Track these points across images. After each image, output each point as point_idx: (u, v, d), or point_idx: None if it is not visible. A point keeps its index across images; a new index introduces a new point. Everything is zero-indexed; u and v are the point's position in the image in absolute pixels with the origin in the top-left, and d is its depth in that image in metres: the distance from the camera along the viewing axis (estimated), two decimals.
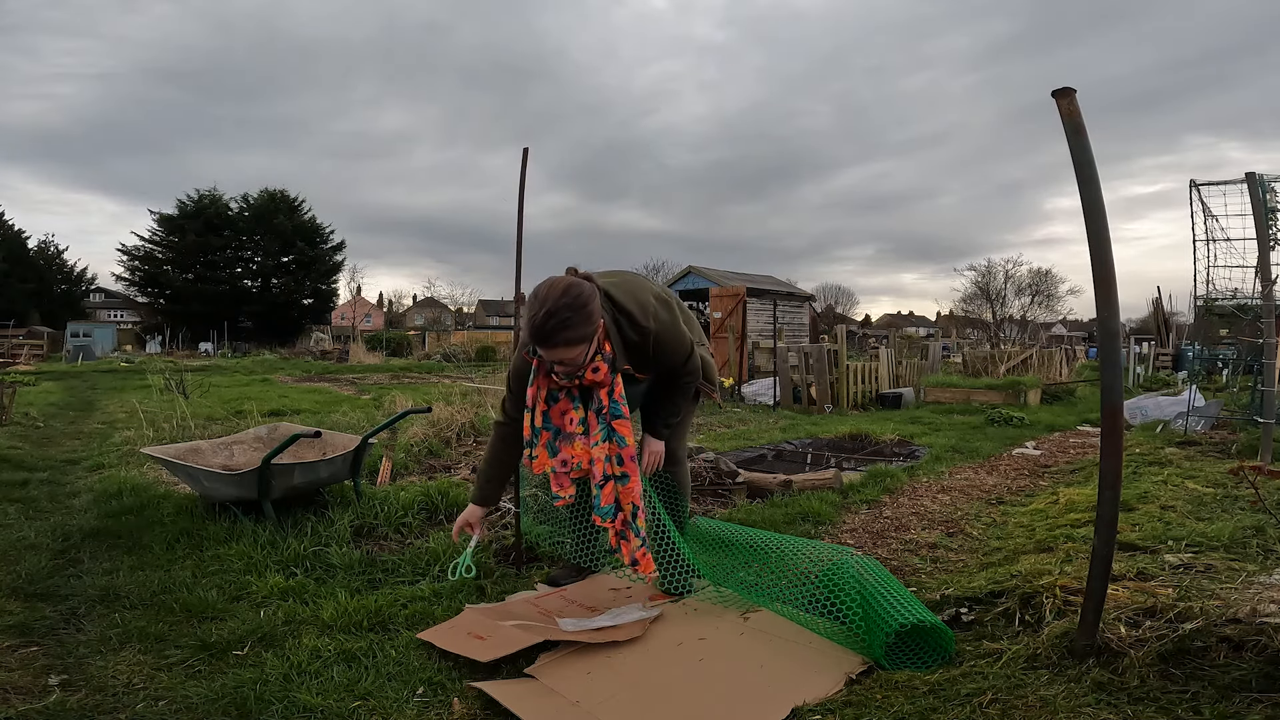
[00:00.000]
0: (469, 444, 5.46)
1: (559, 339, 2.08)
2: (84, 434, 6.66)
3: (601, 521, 2.34)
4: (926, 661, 2.02)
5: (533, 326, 2.08)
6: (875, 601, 2.09)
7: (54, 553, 3.02)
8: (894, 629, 1.98)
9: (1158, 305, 18.21)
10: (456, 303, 60.50)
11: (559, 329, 2.07)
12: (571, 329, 2.08)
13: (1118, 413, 1.86)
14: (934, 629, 2.05)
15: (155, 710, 1.84)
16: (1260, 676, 1.65)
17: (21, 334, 25.14)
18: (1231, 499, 3.41)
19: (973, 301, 31.98)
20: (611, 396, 2.29)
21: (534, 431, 2.35)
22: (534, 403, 2.33)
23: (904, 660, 2.02)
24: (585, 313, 2.09)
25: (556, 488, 2.39)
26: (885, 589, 2.15)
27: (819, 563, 2.35)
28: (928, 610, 2.11)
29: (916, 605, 2.11)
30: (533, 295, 2.13)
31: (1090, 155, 1.81)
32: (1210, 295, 5.57)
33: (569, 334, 2.08)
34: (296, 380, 14.80)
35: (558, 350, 2.11)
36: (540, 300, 2.08)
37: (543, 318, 2.06)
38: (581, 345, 2.13)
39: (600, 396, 2.30)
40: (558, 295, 2.08)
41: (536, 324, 2.07)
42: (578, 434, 2.32)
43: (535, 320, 2.07)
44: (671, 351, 2.39)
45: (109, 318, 44.96)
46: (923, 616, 2.04)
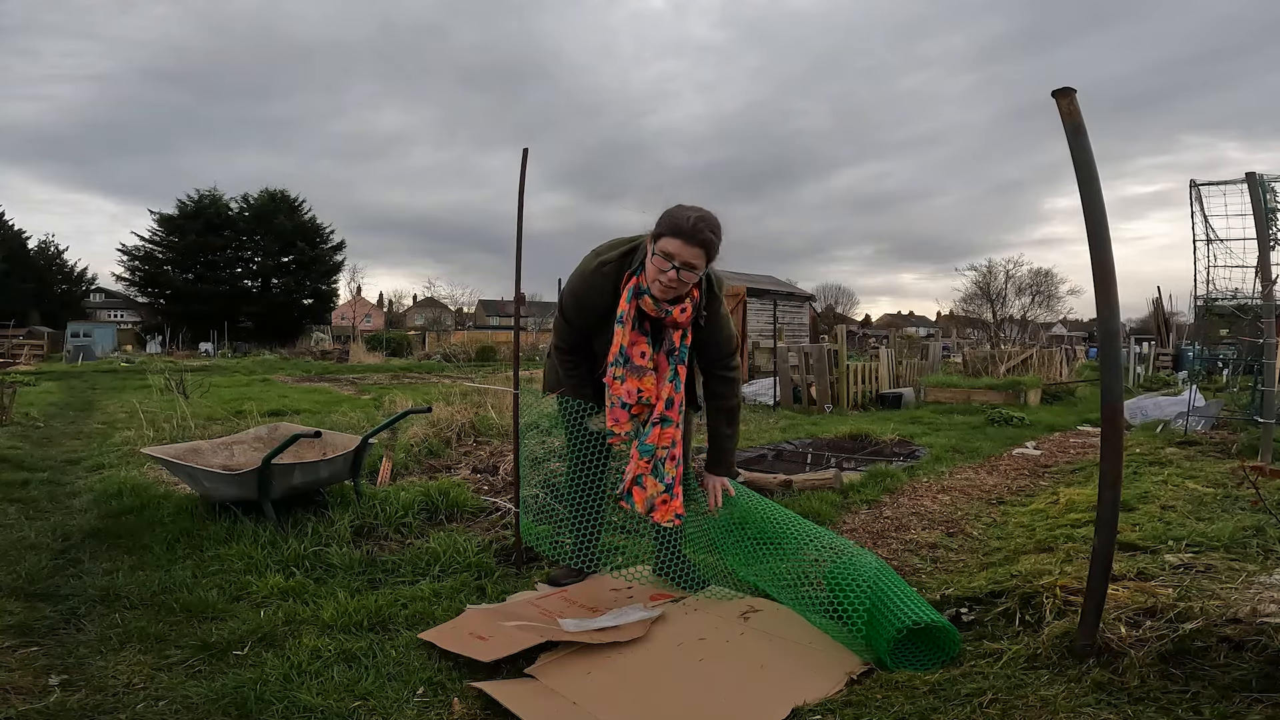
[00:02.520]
0: (469, 444, 5.46)
1: (704, 238, 2.18)
2: (84, 434, 6.66)
3: (639, 458, 2.37)
4: (928, 662, 2.01)
5: (680, 221, 2.17)
6: (883, 599, 2.08)
7: (54, 553, 3.02)
8: (902, 627, 1.96)
9: (1158, 305, 18.21)
10: (456, 303, 60.52)
11: (706, 229, 2.18)
12: (715, 235, 2.20)
13: (1118, 413, 1.86)
14: (941, 629, 2.04)
15: (155, 710, 1.84)
16: (1261, 676, 1.65)
17: (22, 334, 25.14)
18: (1232, 499, 3.41)
19: (973, 301, 31.94)
20: (683, 341, 2.37)
21: (621, 351, 2.35)
22: (627, 320, 2.33)
23: (907, 660, 2.02)
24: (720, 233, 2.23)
25: (612, 423, 2.41)
26: (894, 587, 2.14)
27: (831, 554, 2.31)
28: (934, 610, 2.10)
29: (924, 604, 2.10)
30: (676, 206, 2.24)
31: (1090, 155, 1.81)
32: (1210, 295, 5.57)
33: (712, 238, 2.20)
34: (297, 380, 14.79)
35: (695, 250, 2.18)
36: (687, 208, 2.21)
37: (695, 217, 2.17)
38: (708, 259, 2.24)
39: (674, 338, 2.37)
40: (707, 211, 2.22)
41: (687, 220, 2.17)
42: (648, 369, 2.37)
43: (685, 218, 2.17)
44: (725, 334, 2.47)
45: (109, 318, 44.95)
46: (931, 617, 2.03)
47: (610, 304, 2.37)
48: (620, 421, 2.40)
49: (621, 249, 2.39)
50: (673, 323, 2.34)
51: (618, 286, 2.35)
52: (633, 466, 2.41)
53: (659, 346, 2.39)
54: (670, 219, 2.20)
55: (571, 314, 2.47)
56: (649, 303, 2.29)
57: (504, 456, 4.84)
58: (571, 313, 2.46)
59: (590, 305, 2.40)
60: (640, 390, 2.37)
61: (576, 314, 2.45)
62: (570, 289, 2.45)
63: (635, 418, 2.41)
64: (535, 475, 3.47)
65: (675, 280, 2.22)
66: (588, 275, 2.39)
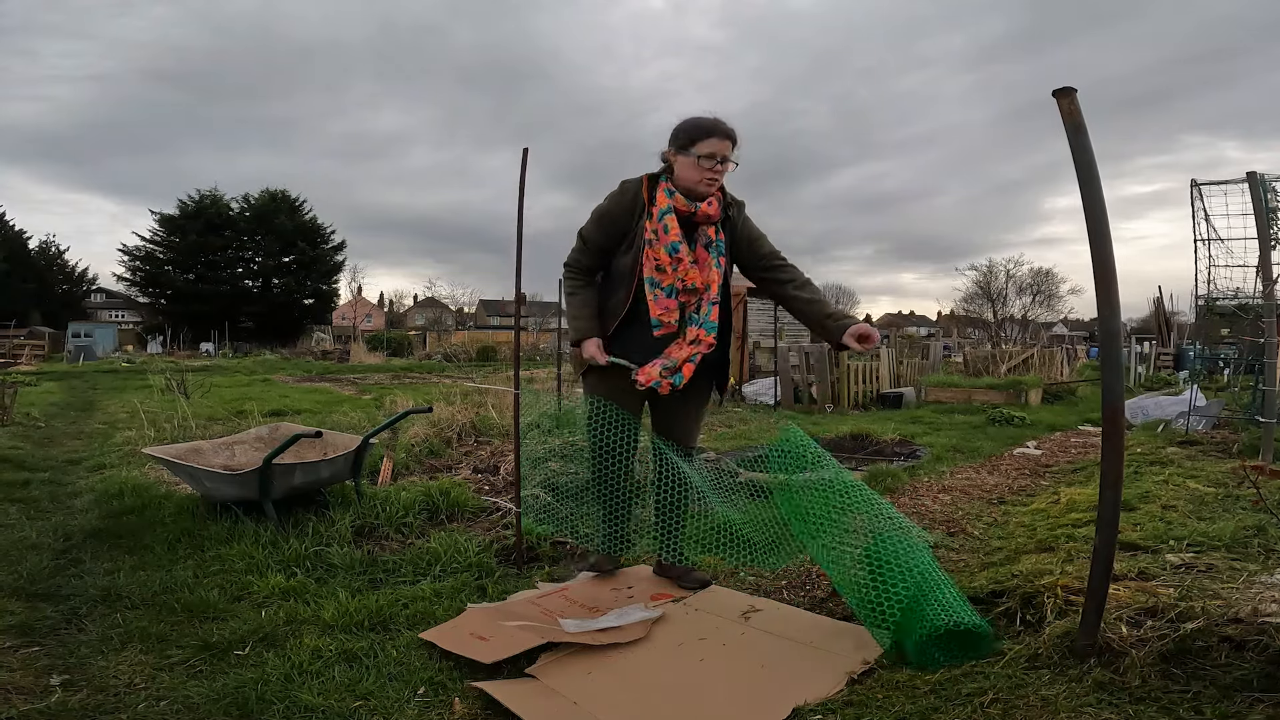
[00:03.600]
0: (470, 444, 5.46)
1: (730, 128, 2.53)
2: (85, 434, 6.67)
3: (706, 335, 2.57)
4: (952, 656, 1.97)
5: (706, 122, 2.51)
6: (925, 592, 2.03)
7: (55, 553, 3.03)
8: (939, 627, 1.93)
9: (1159, 305, 18.17)
10: (457, 303, 60.46)
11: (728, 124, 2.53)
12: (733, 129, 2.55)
13: (1119, 412, 1.86)
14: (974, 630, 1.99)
15: (157, 710, 1.85)
16: (1262, 676, 1.65)
17: (23, 334, 25.17)
18: (1233, 499, 3.41)
19: (974, 301, 31.90)
20: (718, 235, 2.61)
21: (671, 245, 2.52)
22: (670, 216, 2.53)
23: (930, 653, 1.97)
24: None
25: (661, 311, 2.55)
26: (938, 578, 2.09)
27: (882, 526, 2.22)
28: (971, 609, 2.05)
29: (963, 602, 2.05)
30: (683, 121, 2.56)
31: (1091, 155, 1.80)
32: (1212, 295, 5.57)
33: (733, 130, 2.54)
34: (297, 380, 14.80)
35: (726, 141, 2.51)
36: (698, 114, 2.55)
37: (714, 116, 2.53)
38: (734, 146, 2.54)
39: (709, 233, 2.59)
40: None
41: (711, 119, 2.52)
42: (690, 260, 2.55)
43: (708, 121, 2.52)
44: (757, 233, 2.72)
45: (110, 318, 44.93)
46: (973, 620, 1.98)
47: (631, 218, 2.59)
48: (670, 310, 2.57)
49: (641, 175, 2.63)
50: (704, 217, 2.56)
51: (638, 200, 2.57)
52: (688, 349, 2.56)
53: (695, 244, 2.58)
54: (697, 126, 2.51)
55: (590, 235, 2.66)
56: (682, 200, 2.53)
57: (505, 456, 4.84)
58: (591, 234, 2.66)
59: (614, 219, 2.61)
60: (686, 278, 2.54)
61: (597, 230, 2.64)
62: (595, 211, 2.66)
63: (683, 305, 2.59)
64: (536, 475, 3.47)
65: (720, 173, 2.53)
66: (613, 194, 2.63)
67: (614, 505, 2.70)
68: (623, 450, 2.65)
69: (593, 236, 2.64)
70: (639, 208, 2.57)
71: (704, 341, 2.57)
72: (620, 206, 2.59)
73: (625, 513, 2.72)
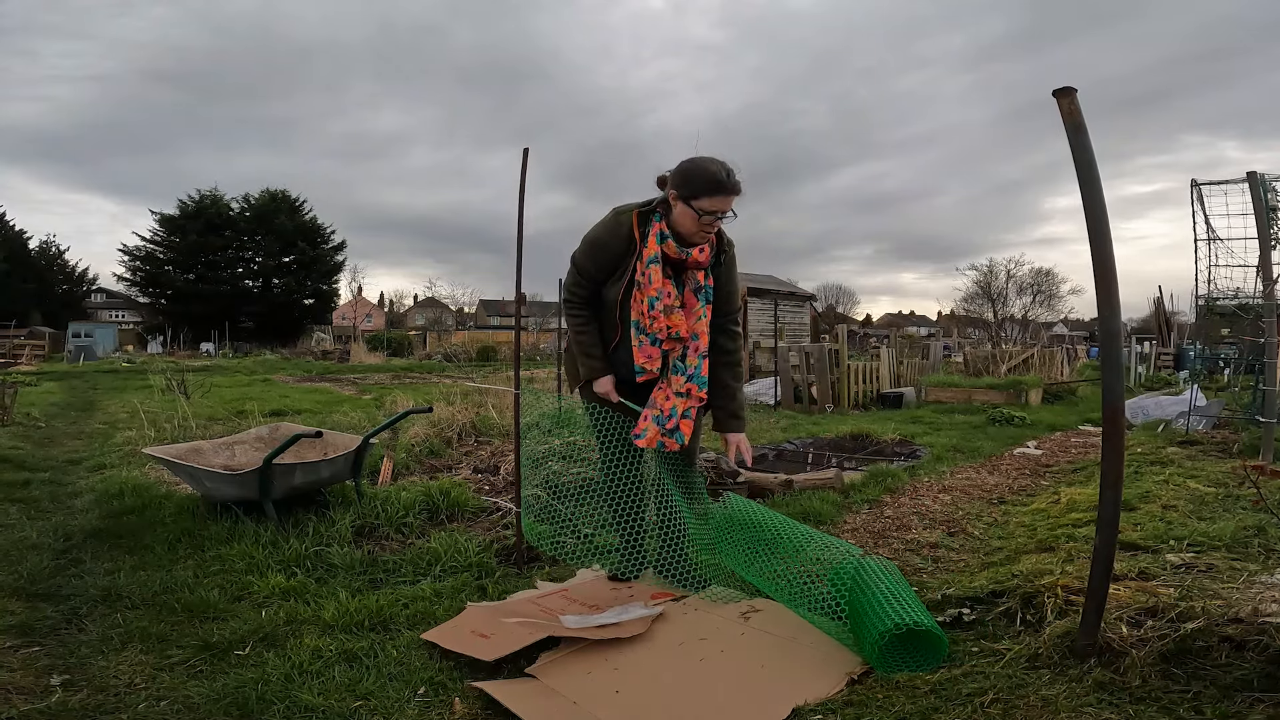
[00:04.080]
0: (470, 444, 5.46)
1: (738, 184, 2.40)
2: (85, 434, 6.67)
3: (698, 390, 2.56)
4: (923, 663, 2.00)
5: (717, 177, 2.37)
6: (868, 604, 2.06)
7: (56, 553, 3.03)
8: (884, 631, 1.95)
9: (1159, 304, 18.15)
10: (457, 303, 60.43)
11: (735, 178, 2.40)
12: (739, 181, 2.42)
13: (1119, 412, 1.86)
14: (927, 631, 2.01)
15: (157, 710, 1.85)
16: (1262, 676, 1.65)
17: (23, 334, 25.16)
18: (1233, 499, 3.41)
19: (974, 301, 31.84)
20: (706, 280, 2.56)
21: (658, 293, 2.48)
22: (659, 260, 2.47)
23: (901, 663, 2.01)
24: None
25: (644, 359, 2.54)
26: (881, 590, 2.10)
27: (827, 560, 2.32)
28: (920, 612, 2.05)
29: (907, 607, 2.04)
30: (692, 163, 2.42)
31: (1091, 154, 1.80)
32: (1212, 294, 5.57)
33: (740, 184, 2.41)
34: (298, 380, 14.80)
35: (730, 198, 2.40)
36: (709, 161, 2.40)
37: (725, 170, 2.39)
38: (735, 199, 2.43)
39: (698, 277, 2.54)
40: (718, 159, 2.41)
41: (723, 174, 2.37)
42: (675, 306, 2.52)
43: (719, 173, 2.37)
44: (733, 287, 2.65)
45: (110, 318, 44.93)
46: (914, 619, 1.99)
47: (623, 249, 2.52)
48: (653, 358, 2.54)
49: (637, 206, 2.55)
50: (694, 263, 2.50)
51: (631, 235, 2.50)
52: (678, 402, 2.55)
53: (682, 287, 2.55)
54: (706, 177, 2.37)
55: (584, 263, 2.59)
56: (673, 246, 2.46)
57: (505, 456, 4.84)
58: (585, 262, 2.59)
59: (606, 246, 2.54)
60: (670, 326, 2.51)
61: (591, 261, 2.58)
62: (586, 239, 2.61)
63: (666, 354, 2.57)
64: (536, 475, 3.47)
65: (716, 227, 2.46)
66: (605, 223, 2.56)
67: (629, 519, 2.68)
68: (633, 459, 2.66)
69: (585, 266, 2.59)
70: (631, 244, 2.50)
71: (695, 395, 2.55)
72: (614, 238, 2.52)
73: (640, 526, 2.71)
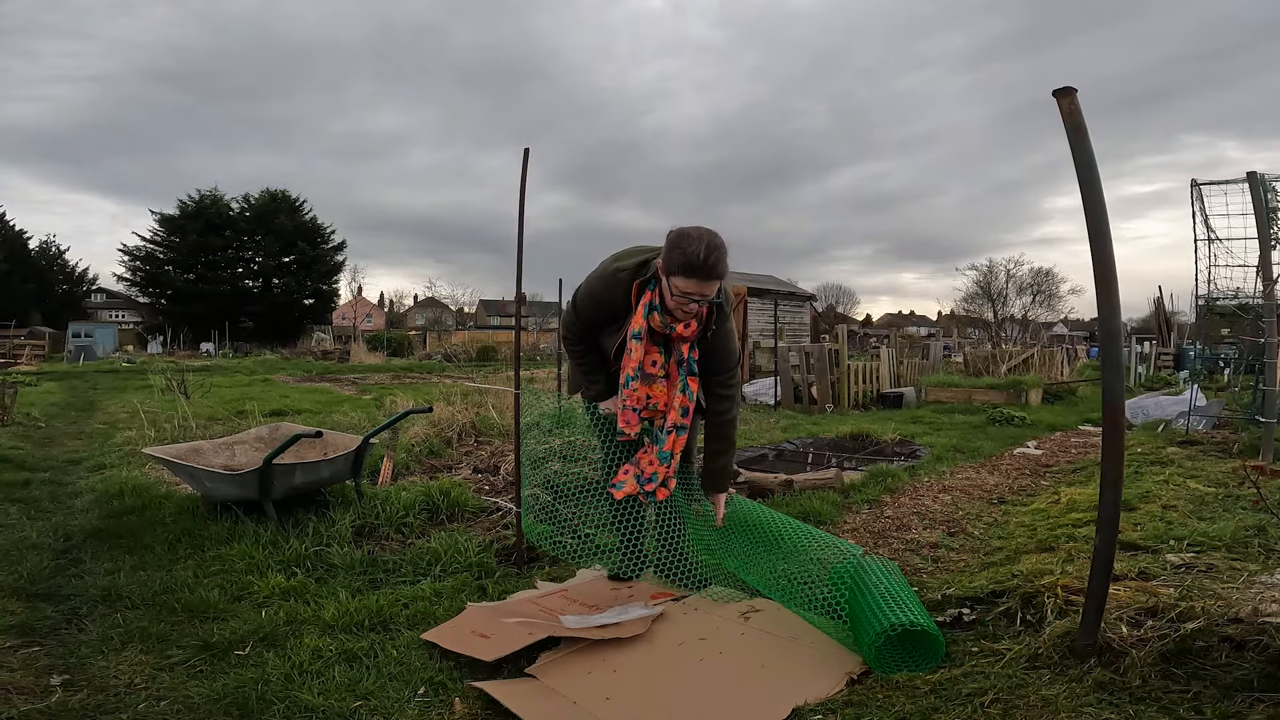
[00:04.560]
0: (470, 444, 5.46)
1: (718, 272, 2.27)
2: (85, 434, 6.67)
3: (659, 465, 2.52)
4: (922, 664, 2.00)
5: (693, 260, 2.23)
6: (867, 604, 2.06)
7: (56, 553, 3.03)
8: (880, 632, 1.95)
9: (1159, 304, 18.15)
10: (457, 303, 60.43)
11: (718, 260, 2.26)
12: (724, 265, 2.29)
13: (1119, 412, 1.86)
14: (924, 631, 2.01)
15: (157, 710, 1.85)
16: (1262, 676, 1.65)
17: (23, 334, 25.16)
18: (1233, 499, 3.41)
19: (974, 301, 31.83)
20: (690, 352, 2.50)
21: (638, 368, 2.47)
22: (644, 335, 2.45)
23: (900, 663, 2.00)
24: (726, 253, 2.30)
25: (623, 424, 2.53)
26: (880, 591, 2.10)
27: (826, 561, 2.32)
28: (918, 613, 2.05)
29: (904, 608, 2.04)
30: (679, 236, 2.28)
31: (1091, 154, 1.81)
32: (1212, 294, 5.57)
33: (724, 268, 2.29)
34: (298, 380, 14.79)
35: (711, 284, 2.29)
36: (695, 238, 2.25)
37: (706, 251, 2.23)
38: (720, 285, 2.34)
39: (683, 350, 2.49)
40: (711, 235, 2.27)
41: (700, 257, 2.22)
42: (659, 376, 2.51)
43: (698, 254, 2.22)
44: (728, 348, 2.57)
45: (110, 318, 44.91)
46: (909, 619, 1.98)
47: (621, 306, 2.49)
48: (631, 424, 2.53)
49: (637, 259, 2.49)
50: (679, 337, 2.47)
51: (629, 291, 2.46)
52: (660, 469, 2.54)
53: (669, 356, 2.53)
54: (682, 256, 2.25)
55: (584, 309, 2.59)
56: (658, 320, 2.42)
57: (505, 456, 4.84)
58: (584, 308, 2.58)
59: (603, 303, 2.52)
60: (650, 397, 2.51)
61: (589, 309, 2.57)
62: (587, 287, 2.59)
63: (645, 420, 2.56)
64: (536, 475, 3.47)
65: (694, 309, 2.38)
66: (605, 277, 2.52)
67: (629, 519, 2.70)
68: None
69: (585, 313, 2.58)
70: (628, 305, 2.47)
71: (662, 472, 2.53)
72: (611, 298, 2.50)
73: (640, 526, 2.72)
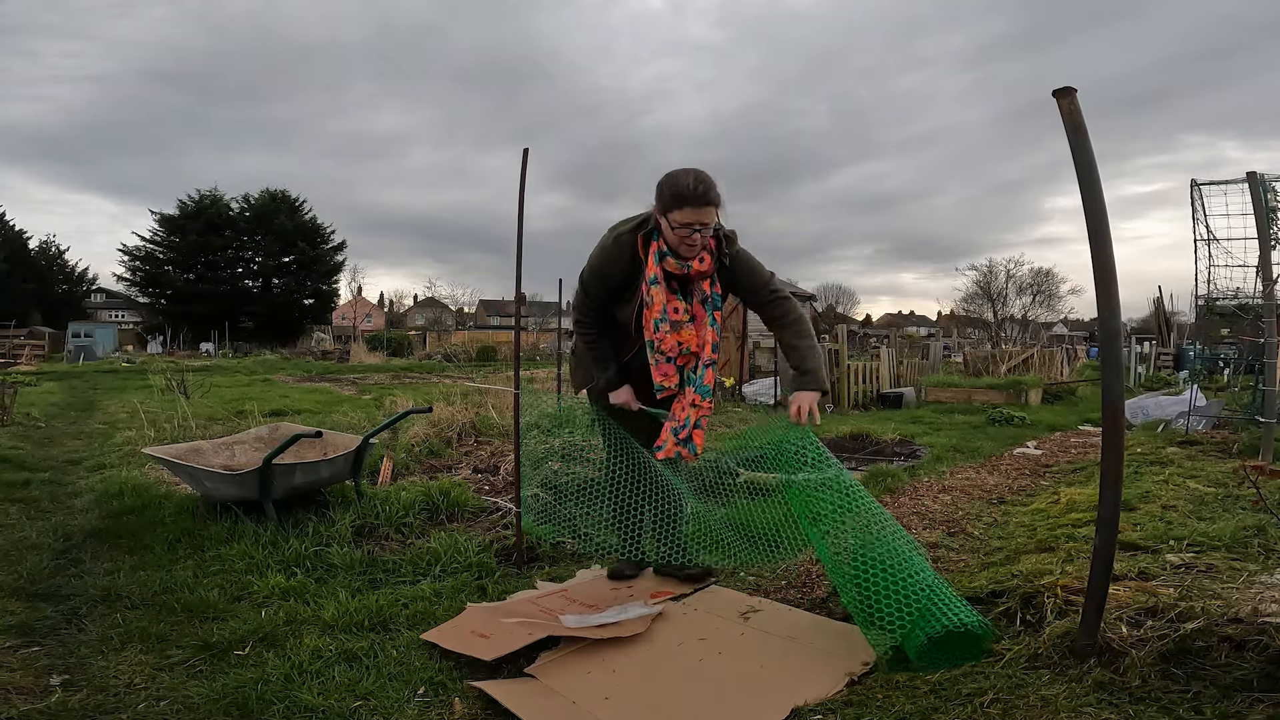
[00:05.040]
0: (470, 444, 5.46)
1: (711, 196, 2.37)
2: (85, 434, 6.67)
3: (697, 407, 2.56)
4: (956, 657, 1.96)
5: (683, 190, 2.34)
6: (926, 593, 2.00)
7: (55, 553, 3.03)
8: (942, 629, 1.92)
9: (1159, 305, 18.15)
10: (457, 303, 60.44)
11: (709, 189, 2.36)
12: (715, 190, 2.39)
13: (1119, 412, 1.86)
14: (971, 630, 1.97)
15: (157, 710, 1.85)
16: (1262, 676, 1.65)
17: (23, 334, 25.16)
18: (1233, 499, 3.41)
19: (974, 301, 31.84)
20: (713, 287, 2.56)
21: (662, 310, 2.50)
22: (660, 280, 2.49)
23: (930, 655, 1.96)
24: (717, 188, 2.40)
25: (661, 377, 2.56)
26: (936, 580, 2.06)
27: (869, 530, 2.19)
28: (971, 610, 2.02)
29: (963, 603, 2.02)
30: (667, 176, 2.40)
31: (1091, 155, 1.80)
32: (1212, 294, 5.57)
33: (714, 193, 2.38)
34: (297, 380, 14.80)
35: (706, 210, 2.37)
36: (683, 173, 2.38)
37: (694, 180, 2.35)
38: (716, 210, 2.41)
39: (704, 287, 2.55)
40: (696, 169, 2.39)
41: (689, 186, 2.34)
42: (684, 321, 2.54)
43: (686, 185, 2.34)
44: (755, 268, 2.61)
45: (110, 318, 44.89)
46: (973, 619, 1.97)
47: (628, 274, 2.53)
48: (669, 375, 2.56)
49: (634, 221, 2.56)
50: (698, 274, 2.51)
51: (635, 257, 2.51)
52: (691, 413, 2.57)
53: (691, 299, 2.56)
54: (673, 190, 2.36)
55: (592, 286, 2.60)
56: (672, 263, 2.46)
57: (505, 456, 4.84)
58: (592, 285, 2.60)
59: (609, 274, 2.55)
60: (681, 343, 2.53)
61: (597, 285, 2.59)
62: (590, 263, 2.61)
63: (681, 368, 2.59)
64: (536, 475, 3.47)
65: (697, 240, 2.41)
66: (607, 248, 2.55)
67: (630, 510, 2.70)
68: (637, 453, 2.68)
69: (594, 290, 2.61)
70: (635, 265, 2.51)
71: (702, 406, 2.57)
72: (616, 264, 2.53)
73: (640, 517, 2.74)
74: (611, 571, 2.81)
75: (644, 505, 2.73)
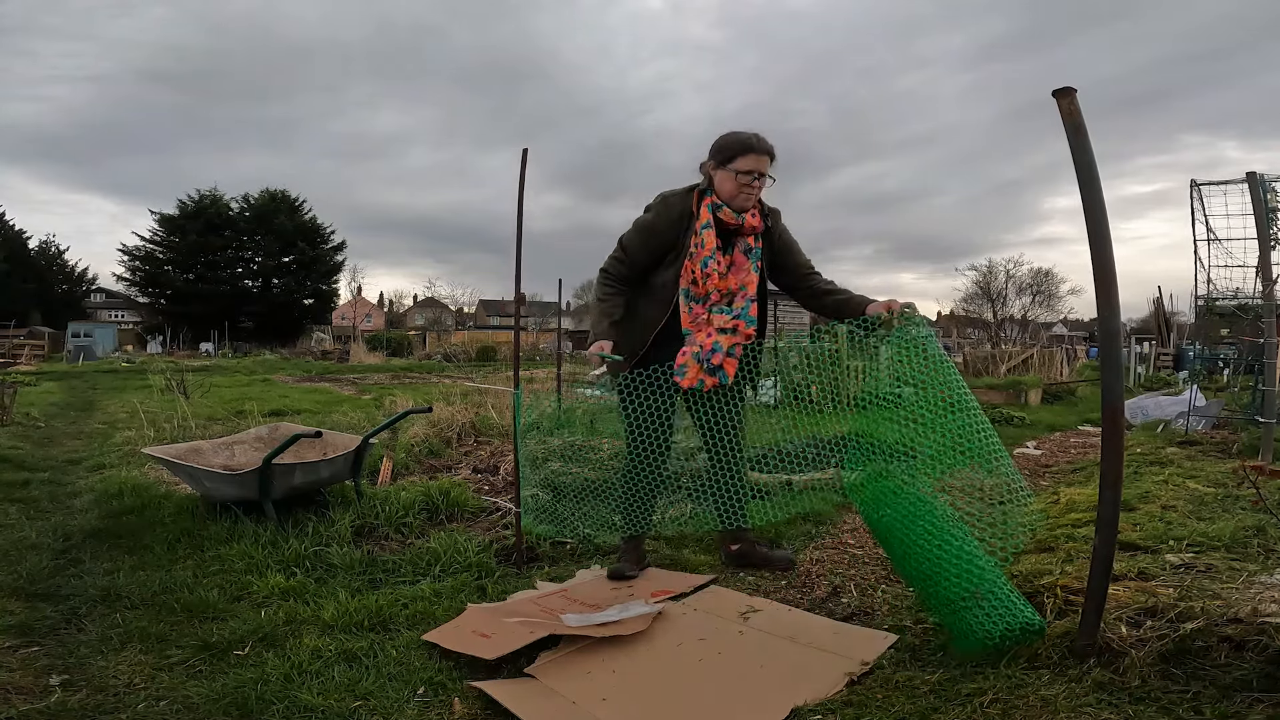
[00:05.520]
0: (470, 444, 5.46)
1: (769, 146, 2.61)
2: (85, 434, 6.66)
3: (746, 326, 2.67)
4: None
5: (748, 138, 2.58)
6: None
7: (55, 553, 3.03)
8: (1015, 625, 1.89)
9: (1158, 305, 18.15)
10: (457, 303, 60.50)
11: (766, 139, 2.60)
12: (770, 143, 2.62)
13: (1118, 412, 1.86)
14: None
15: (156, 710, 1.85)
16: (1261, 676, 1.65)
17: (23, 334, 25.17)
18: (1232, 499, 3.40)
19: (973, 301, 31.85)
20: (757, 243, 2.70)
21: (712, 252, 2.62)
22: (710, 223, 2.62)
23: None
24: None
25: (691, 321, 2.66)
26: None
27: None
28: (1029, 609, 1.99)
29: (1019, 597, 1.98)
30: (726, 133, 2.62)
31: (1091, 155, 1.80)
32: (1211, 295, 5.57)
33: (771, 147, 2.62)
34: (297, 380, 14.80)
35: (766, 158, 2.60)
36: (741, 130, 2.61)
37: (754, 133, 2.59)
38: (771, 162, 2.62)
39: (748, 240, 2.69)
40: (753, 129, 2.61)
41: (753, 136, 2.59)
42: (725, 271, 2.66)
43: (749, 135, 2.58)
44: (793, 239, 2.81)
45: (110, 318, 44.90)
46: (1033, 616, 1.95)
47: (675, 234, 2.66)
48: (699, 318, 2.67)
49: (684, 187, 2.71)
50: (750, 228, 2.65)
51: (683, 213, 2.65)
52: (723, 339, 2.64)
53: (731, 250, 2.68)
54: (736, 142, 2.58)
55: (634, 247, 2.70)
56: (728, 213, 2.61)
57: (504, 456, 4.84)
58: (635, 246, 2.70)
59: (655, 233, 2.67)
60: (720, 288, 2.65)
61: (637, 244, 2.70)
62: (635, 224, 2.73)
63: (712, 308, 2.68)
64: (536, 475, 3.47)
65: (756, 188, 2.61)
66: (655, 207, 2.70)
67: (643, 492, 2.75)
68: (658, 438, 2.71)
69: (634, 249, 2.69)
70: (685, 222, 2.63)
71: (742, 332, 2.65)
72: (665, 220, 2.65)
73: (652, 501, 2.79)
74: (612, 571, 2.81)
75: (657, 486, 2.77)
